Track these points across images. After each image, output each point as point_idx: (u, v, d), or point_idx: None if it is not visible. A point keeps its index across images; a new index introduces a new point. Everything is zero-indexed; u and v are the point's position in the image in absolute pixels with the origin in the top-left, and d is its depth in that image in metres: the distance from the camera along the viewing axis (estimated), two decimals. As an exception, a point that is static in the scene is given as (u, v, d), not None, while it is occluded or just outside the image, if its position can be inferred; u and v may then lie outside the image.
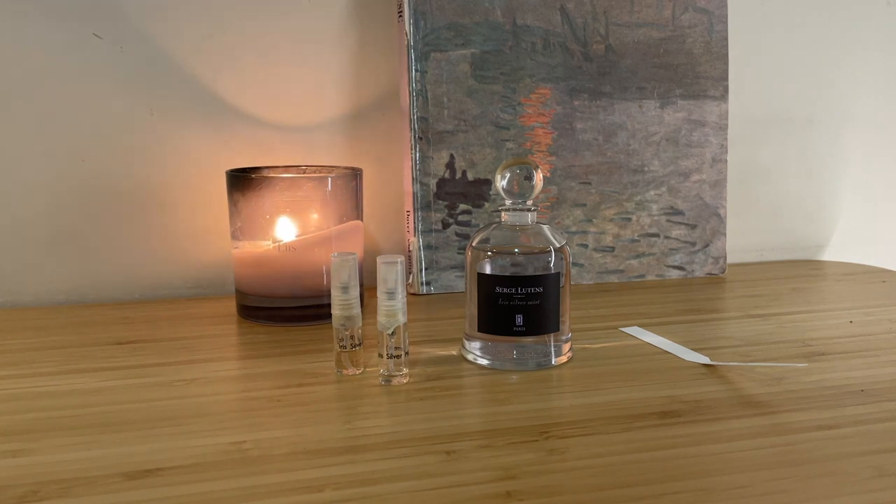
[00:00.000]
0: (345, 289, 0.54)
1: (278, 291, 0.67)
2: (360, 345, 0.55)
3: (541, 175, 0.58)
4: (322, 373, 0.56)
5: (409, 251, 0.79)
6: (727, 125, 0.85)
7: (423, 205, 0.78)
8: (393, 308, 0.53)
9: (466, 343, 0.59)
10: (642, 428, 0.47)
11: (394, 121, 0.82)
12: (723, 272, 0.86)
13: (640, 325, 0.67)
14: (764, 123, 0.94)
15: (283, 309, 0.67)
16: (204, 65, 0.77)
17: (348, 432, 0.46)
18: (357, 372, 0.56)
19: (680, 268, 0.85)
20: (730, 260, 0.91)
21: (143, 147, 0.77)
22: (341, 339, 0.55)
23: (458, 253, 0.79)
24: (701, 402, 0.50)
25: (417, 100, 0.77)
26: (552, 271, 0.57)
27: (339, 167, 0.74)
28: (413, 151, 0.78)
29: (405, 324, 0.54)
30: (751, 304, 0.75)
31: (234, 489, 0.40)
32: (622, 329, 0.66)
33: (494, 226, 0.59)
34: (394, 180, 0.83)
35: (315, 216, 0.67)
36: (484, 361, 0.57)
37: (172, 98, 0.77)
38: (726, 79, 0.85)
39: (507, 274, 0.56)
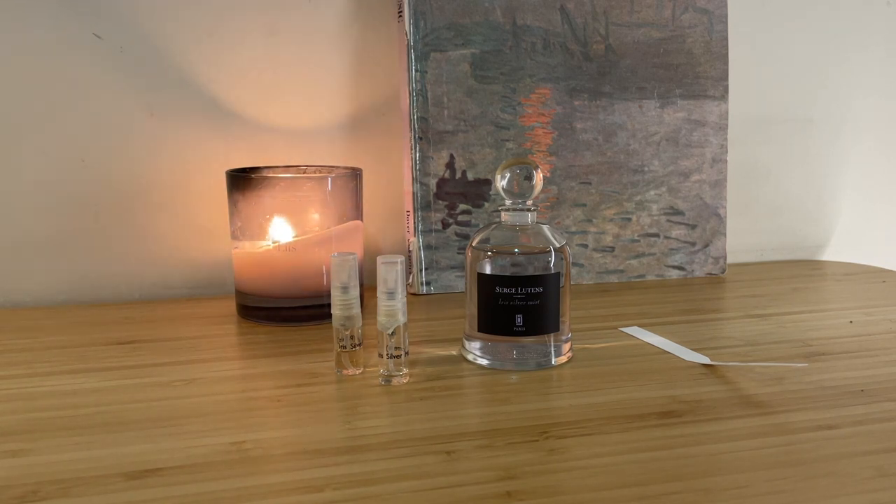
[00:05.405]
0: (345, 289, 0.54)
1: (278, 291, 0.67)
2: (360, 345, 0.55)
3: (541, 175, 0.58)
4: (322, 373, 0.56)
5: (409, 251, 0.79)
6: (727, 125, 0.85)
7: (423, 205, 0.78)
8: (393, 308, 0.53)
9: (466, 343, 0.59)
10: (642, 428, 0.47)
11: (394, 121, 0.82)
12: (723, 272, 0.86)
13: (640, 325, 0.67)
14: (764, 123, 0.94)
15: (283, 309, 0.67)
16: (204, 65, 0.77)
17: (348, 432, 0.46)
18: (357, 372, 0.56)
19: (680, 268, 0.85)
20: (730, 260, 0.91)
21: (142, 147, 0.77)
22: (341, 339, 0.55)
23: (458, 253, 0.79)
24: (701, 402, 0.50)
25: (417, 100, 0.77)
26: (552, 271, 0.57)
27: (338, 167, 0.74)
28: (413, 151, 0.78)
29: (405, 324, 0.54)
30: (751, 304, 0.75)
31: (234, 489, 0.40)
32: (622, 329, 0.66)
33: (494, 226, 0.59)
34: (394, 180, 0.83)
35: (315, 216, 0.67)
36: (484, 361, 0.57)
37: (172, 98, 0.77)
38: (726, 79, 0.85)
39: (507, 274, 0.56)
